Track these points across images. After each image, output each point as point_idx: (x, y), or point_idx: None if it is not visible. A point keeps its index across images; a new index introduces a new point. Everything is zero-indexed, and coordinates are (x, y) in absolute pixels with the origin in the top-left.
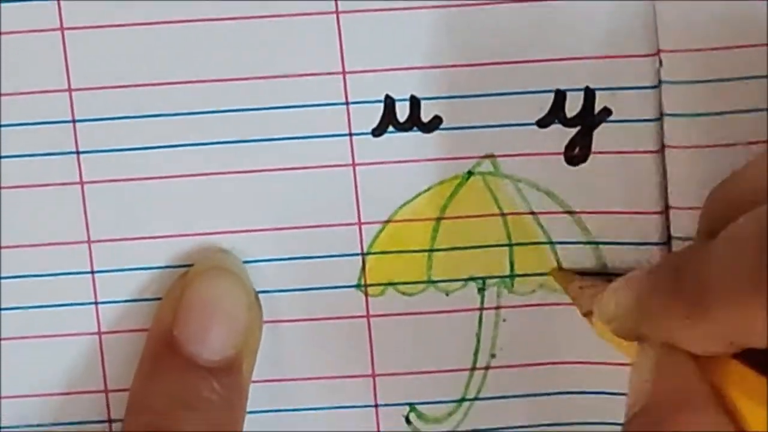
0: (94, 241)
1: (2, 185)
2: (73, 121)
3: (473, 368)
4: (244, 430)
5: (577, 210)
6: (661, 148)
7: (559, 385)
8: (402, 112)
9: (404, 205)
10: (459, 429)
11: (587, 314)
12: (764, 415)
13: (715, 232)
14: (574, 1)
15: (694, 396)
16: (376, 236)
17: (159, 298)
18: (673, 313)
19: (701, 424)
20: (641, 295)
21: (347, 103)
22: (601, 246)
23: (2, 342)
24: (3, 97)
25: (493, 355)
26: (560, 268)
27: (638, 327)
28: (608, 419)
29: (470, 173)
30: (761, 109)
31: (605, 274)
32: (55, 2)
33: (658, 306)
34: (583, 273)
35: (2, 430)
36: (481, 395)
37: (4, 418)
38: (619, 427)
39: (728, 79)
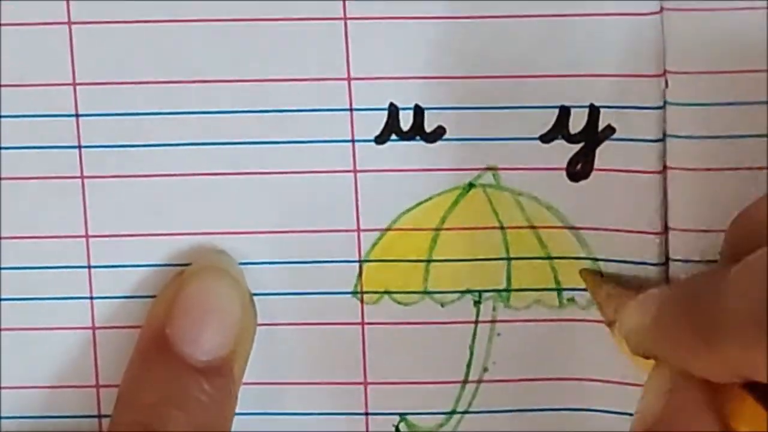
0: (92, 236)
1: (3, 176)
2: (77, 116)
3: (465, 381)
4: (233, 431)
5: (577, 225)
6: (663, 169)
7: (551, 401)
8: (405, 121)
9: (404, 213)
10: None
11: (610, 323)
12: None
13: (737, 257)
14: (583, 17)
15: (699, 426)
16: (375, 244)
17: (154, 296)
18: (684, 339)
19: None
20: (657, 316)
21: (351, 110)
22: (599, 262)
23: None
24: (7, 89)
25: (485, 369)
26: (591, 270)
27: (652, 347)
28: None
29: (471, 185)
30: (764, 135)
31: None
32: None
33: (670, 330)
34: (614, 279)
35: None
36: (472, 408)
37: None
38: None
39: (733, 103)
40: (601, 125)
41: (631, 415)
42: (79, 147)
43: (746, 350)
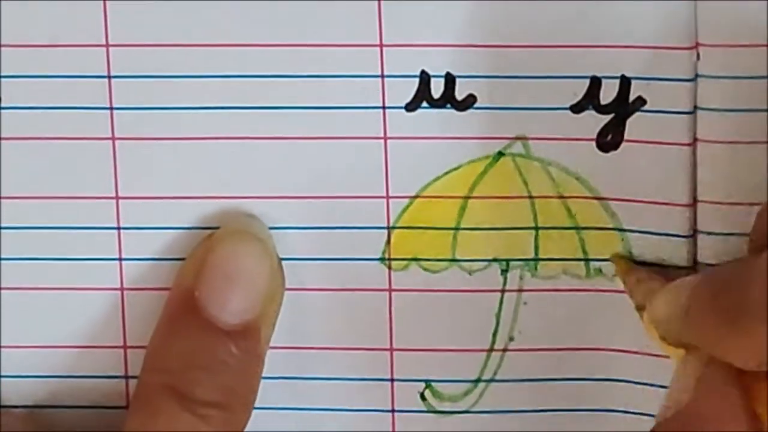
0: (122, 198)
1: (35, 136)
2: (109, 77)
3: (491, 349)
4: (259, 394)
5: (606, 196)
6: (693, 142)
7: (576, 371)
8: (437, 89)
9: (433, 181)
10: (474, 409)
11: (640, 308)
12: None
13: (765, 245)
14: None
15: (728, 413)
16: (403, 211)
17: (183, 258)
18: (713, 325)
19: None
20: (687, 305)
21: (383, 77)
22: (627, 233)
23: (26, 291)
24: (40, 49)
25: (511, 338)
26: (622, 255)
27: (682, 335)
28: (625, 407)
29: (501, 154)
30: None
31: (665, 267)
32: None
33: (700, 317)
34: (644, 264)
35: (20, 378)
36: (497, 377)
37: (23, 366)
38: (635, 416)
39: (764, 77)
40: (632, 96)
41: (655, 386)
42: (111, 108)
43: None
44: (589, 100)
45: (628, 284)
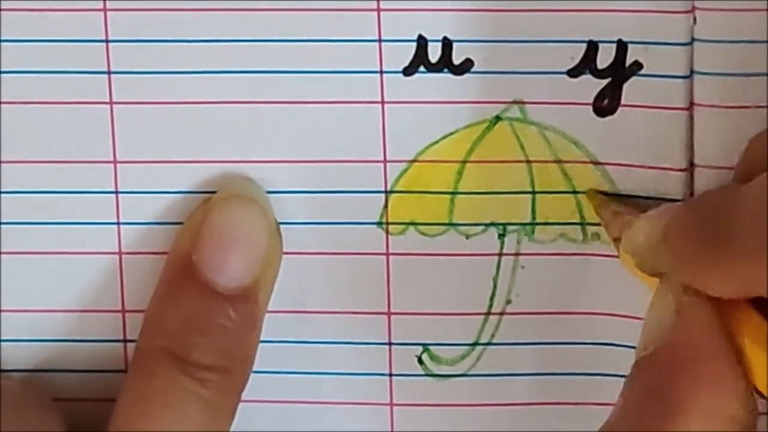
0: (119, 162)
1: (33, 100)
2: (106, 41)
3: (488, 313)
4: (257, 358)
5: (603, 161)
6: (690, 106)
7: (574, 334)
8: (434, 53)
9: (430, 146)
10: (471, 372)
11: (615, 240)
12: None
13: (751, 175)
14: None
15: (709, 346)
16: (401, 175)
17: (180, 223)
18: (694, 253)
19: (713, 377)
20: (667, 231)
21: (380, 41)
22: (624, 198)
23: (24, 256)
24: (37, 13)
25: (509, 301)
26: (598, 190)
27: (660, 263)
28: (623, 371)
29: (498, 118)
30: None
31: (643, 198)
32: None
33: (680, 244)
34: (621, 196)
35: (18, 342)
36: (494, 340)
37: (20, 330)
38: None
39: (761, 42)
40: (629, 61)
41: None
42: (109, 73)
43: (754, 265)
44: (586, 65)
45: (604, 217)
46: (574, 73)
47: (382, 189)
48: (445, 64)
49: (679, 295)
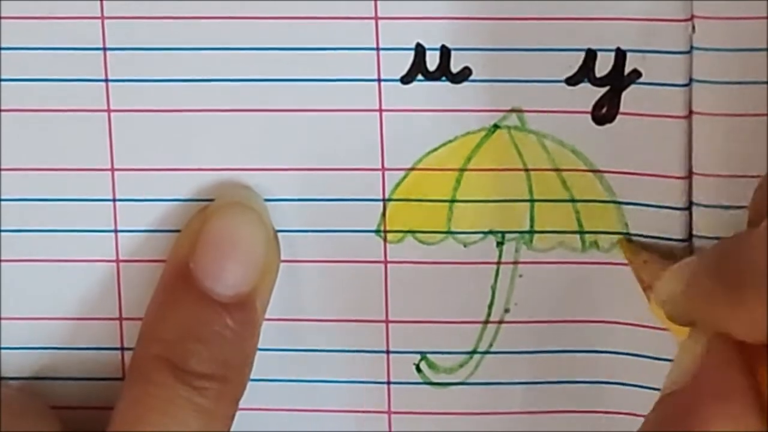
0: (117, 169)
1: (31, 108)
2: (104, 49)
3: (486, 321)
4: (255, 366)
5: (602, 169)
6: (689, 114)
7: (572, 343)
8: (432, 62)
9: (428, 153)
10: (469, 381)
11: (647, 289)
12: None
13: (762, 219)
14: None
15: (732, 387)
16: (399, 183)
17: (178, 230)
18: (715, 298)
19: (733, 416)
20: (690, 281)
21: (378, 49)
22: (622, 206)
23: (21, 263)
24: (36, 21)
25: (507, 310)
26: (629, 239)
27: (688, 312)
28: (620, 380)
29: (496, 126)
30: None
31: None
32: None
33: (702, 290)
34: (649, 247)
35: (15, 350)
36: (492, 349)
37: (17, 338)
38: (630, 388)
39: (760, 50)
40: (628, 69)
41: (651, 358)
42: (106, 80)
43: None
44: (585, 73)
45: (635, 265)
46: (572, 81)
47: (380, 197)
48: (443, 72)
49: (705, 339)
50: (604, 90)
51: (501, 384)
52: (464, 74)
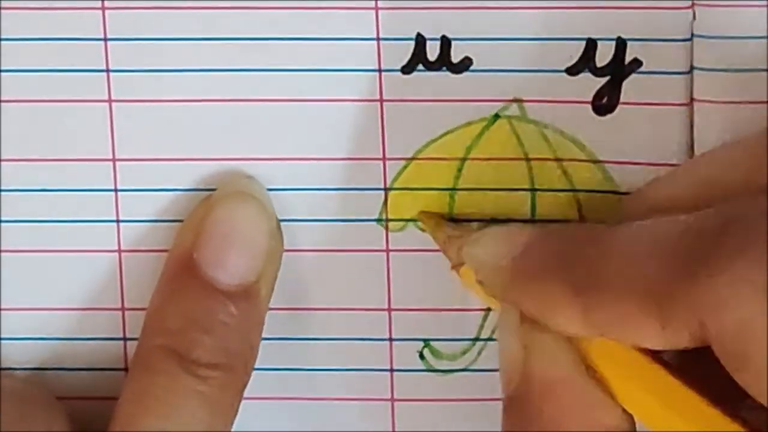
0: (119, 160)
1: (31, 98)
2: (105, 40)
3: (489, 309)
4: (259, 355)
5: (602, 159)
6: (690, 102)
7: None
8: (432, 52)
9: (430, 143)
10: (472, 368)
11: (456, 267)
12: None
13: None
14: None
15: (563, 376)
16: (400, 172)
17: (181, 220)
18: (551, 291)
19: (576, 401)
20: (520, 259)
21: (378, 39)
22: (623, 195)
23: (23, 254)
24: (37, 12)
25: None
26: (428, 212)
27: (505, 290)
28: None
29: (497, 116)
30: None
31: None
32: None
33: (535, 279)
34: (455, 220)
35: (17, 341)
36: (495, 336)
37: (20, 329)
38: None
39: (760, 37)
40: (628, 58)
41: None
42: (107, 71)
43: (614, 312)
44: (585, 63)
45: (439, 241)
46: (573, 71)
47: (382, 186)
48: (443, 62)
49: (523, 328)
50: (604, 79)
51: None
52: (465, 64)
